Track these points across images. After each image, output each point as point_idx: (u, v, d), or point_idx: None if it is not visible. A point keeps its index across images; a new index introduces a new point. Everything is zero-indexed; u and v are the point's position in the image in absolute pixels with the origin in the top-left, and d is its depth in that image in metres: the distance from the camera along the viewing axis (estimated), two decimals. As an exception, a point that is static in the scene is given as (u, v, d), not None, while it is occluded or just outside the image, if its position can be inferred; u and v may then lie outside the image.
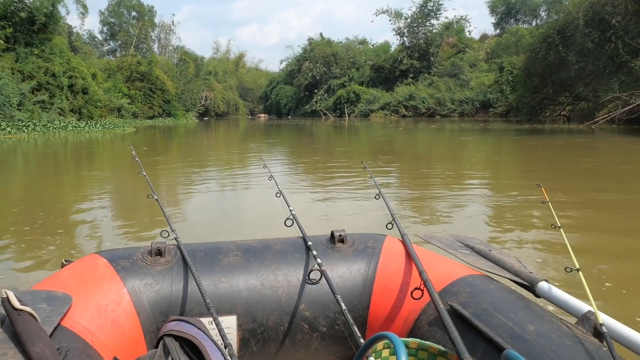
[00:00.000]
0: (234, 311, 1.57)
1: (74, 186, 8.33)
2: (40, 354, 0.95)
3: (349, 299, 1.65)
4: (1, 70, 29.00)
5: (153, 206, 5.84)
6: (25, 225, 5.11)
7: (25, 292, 1.31)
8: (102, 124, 32.64)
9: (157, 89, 50.86)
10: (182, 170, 10.20)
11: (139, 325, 1.48)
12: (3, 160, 13.47)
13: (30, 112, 30.34)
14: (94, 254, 1.67)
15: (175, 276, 1.59)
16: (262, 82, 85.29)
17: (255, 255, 1.72)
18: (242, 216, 5.71)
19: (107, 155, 15.19)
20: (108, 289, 1.49)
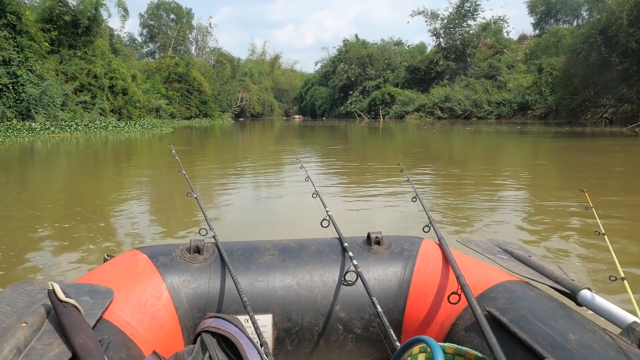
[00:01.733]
0: (270, 310, 1.58)
1: (114, 184, 8.53)
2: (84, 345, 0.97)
3: (384, 301, 1.64)
4: (46, 71, 29.93)
5: (191, 204, 5.96)
6: (68, 220, 5.25)
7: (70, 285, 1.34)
8: (140, 124, 33.33)
9: (194, 90, 51.64)
10: (219, 170, 10.32)
11: (177, 320, 1.51)
12: (47, 158, 13.89)
13: (73, 112, 31.25)
14: (135, 250, 1.71)
15: (212, 273, 1.61)
16: (297, 83, 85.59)
17: (292, 255, 1.73)
18: (278, 216, 5.73)
19: (146, 155, 15.49)
20: (148, 284, 1.52)
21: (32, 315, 1.07)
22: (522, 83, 41.33)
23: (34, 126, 24.69)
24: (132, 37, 65.76)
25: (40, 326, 1.06)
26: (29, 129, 23.57)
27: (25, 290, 1.24)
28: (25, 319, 1.05)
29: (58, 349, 0.99)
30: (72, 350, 0.98)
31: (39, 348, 0.98)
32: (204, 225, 1.88)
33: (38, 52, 30.34)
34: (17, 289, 1.24)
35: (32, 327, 1.03)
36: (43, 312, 1.10)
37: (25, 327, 1.01)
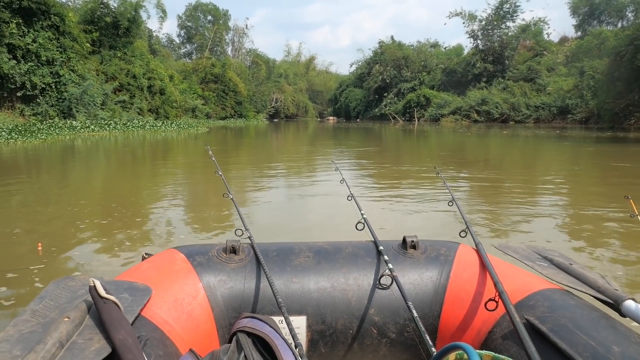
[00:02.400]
0: (304, 312, 1.58)
1: (151, 182, 8.67)
2: (123, 341, 0.99)
3: (419, 306, 1.62)
4: (87, 71, 30.73)
5: (226, 204, 6.01)
6: (105, 217, 5.35)
7: (110, 282, 1.37)
8: (177, 124, 33.88)
9: (229, 90, 52.22)
10: (253, 170, 10.38)
11: (213, 319, 1.52)
12: (87, 155, 14.23)
13: (112, 111, 32.01)
14: (172, 249, 1.73)
15: (248, 274, 1.62)
16: (332, 84, 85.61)
17: (327, 257, 1.72)
18: (312, 218, 5.72)
19: (182, 154, 15.72)
20: (185, 283, 1.54)
21: (74, 311, 1.10)
22: (563, 86, 40.27)
23: (75, 124, 25.37)
24: (170, 38, 67.06)
25: (82, 321, 1.09)
26: (70, 127, 24.22)
27: (68, 285, 1.27)
28: (68, 314, 1.07)
29: (98, 344, 1.01)
30: (111, 346, 1.00)
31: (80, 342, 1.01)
32: (240, 225, 1.89)
33: (80, 52, 31.16)
34: (60, 285, 1.27)
35: (74, 322, 1.05)
36: (84, 308, 1.13)
37: (67, 322, 1.04)
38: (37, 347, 0.93)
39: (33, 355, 0.90)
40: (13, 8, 25.43)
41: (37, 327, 1.03)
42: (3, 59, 24.64)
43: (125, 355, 0.96)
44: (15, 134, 19.02)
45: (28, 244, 4.30)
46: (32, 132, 20.21)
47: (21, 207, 6.21)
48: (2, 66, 24.48)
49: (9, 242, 4.33)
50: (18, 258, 3.86)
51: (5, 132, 19.06)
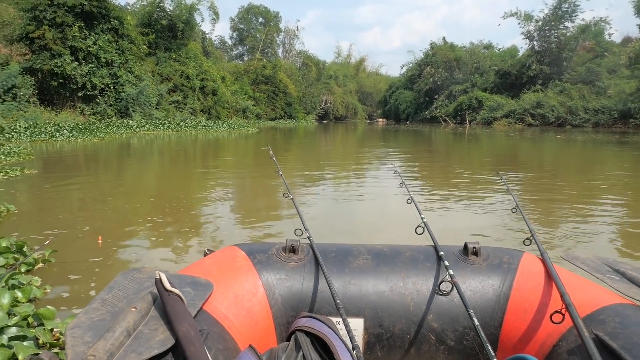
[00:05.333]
0: (362, 314, 1.57)
1: (204, 180, 8.79)
2: (186, 333, 1.01)
3: (480, 314, 1.57)
4: (143, 73, 31.69)
5: (283, 203, 6.02)
6: (159, 214, 5.44)
7: (174, 276, 1.40)
8: (228, 124, 34.51)
9: (280, 91, 52.78)
10: (306, 171, 10.38)
11: (271, 317, 1.54)
12: (142, 153, 14.62)
13: (166, 111, 32.90)
14: (233, 246, 1.75)
15: (307, 274, 1.63)
16: (382, 86, 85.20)
17: (385, 260, 1.70)
18: (369, 220, 5.63)
19: (233, 153, 15.93)
20: (245, 280, 1.56)
21: (141, 302, 1.14)
22: (625, 89, 38.53)
23: (131, 123, 26.20)
24: (223, 40, 68.34)
25: (147, 312, 1.12)
26: (126, 126, 25.02)
27: (135, 277, 1.33)
28: (135, 305, 1.11)
29: (163, 335, 1.04)
30: (175, 337, 1.03)
31: (146, 332, 1.04)
32: (299, 225, 1.89)
33: (137, 54, 32.17)
34: (128, 276, 1.33)
35: (141, 313, 1.09)
36: (150, 299, 1.16)
37: (134, 312, 1.08)
38: (106, 334, 0.97)
39: (102, 342, 0.94)
40: (76, 12, 26.49)
41: (107, 316, 1.09)
42: (66, 60, 25.69)
43: (187, 348, 0.98)
44: (76, 132, 19.79)
45: (88, 237, 4.41)
46: (92, 131, 20.98)
47: (81, 202, 6.40)
48: (65, 67, 25.53)
49: (71, 235, 4.45)
50: (80, 250, 3.97)
51: (67, 130, 19.86)
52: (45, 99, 25.73)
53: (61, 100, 26.81)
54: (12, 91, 22.86)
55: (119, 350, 0.96)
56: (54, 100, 26.38)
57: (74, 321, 1.04)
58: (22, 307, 2.39)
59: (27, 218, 5.20)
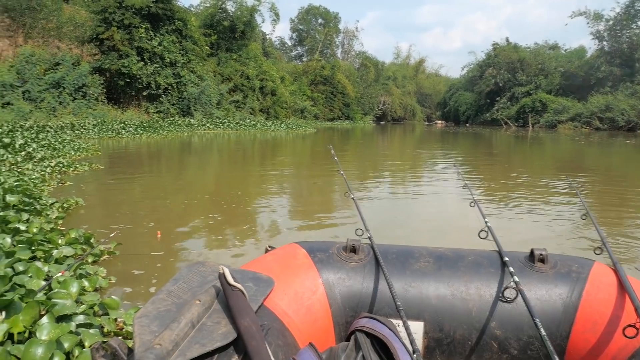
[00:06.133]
0: (422, 317, 1.55)
1: (263, 179, 8.90)
2: (248, 328, 1.02)
3: (546, 324, 1.50)
4: (205, 73, 32.51)
5: (342, 203, 6.00)
6: (218, 210, 5.53)
7: (236, 271, 1.41)
8: (286, 124, 34.91)
9: (338, 92, 52.90)
10: (365, 171, 10.33)
11: (330, 316, 1.53)
12: (202, 151, 14.97)
13: (226, 111, 33.64)
14: (294, 244, 1.76)
15: (367, 274, 1.61)
16: (441, 88, 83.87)
17: (447, 263, 1.67)
18: (429, 222, 5.53)
19: (291, 153, 16.07)
20: (305, 277, 1.56)
21: (204, 295, 1.15)
22: None
23: (193, 122, 26.93)
24: (283, 41, 69.19)
25: (211, 305, 1.14)
26: (188, 125, 25.73)
27: (199, 271, 1.34)
28: (199, 297, 1.13)
29: (225, 328, 1.06)
30: (237, 331, 1.04)
31: (209, 325, 1.06)
32: (359, 225, 1.87)
33: (199, 55, 33.03)
34: (192, 269, 1.34)
35: (204, 305, 1.11)
36: (213, 293, 1.18)
37: (198, 305, 1.10)
38: (172, 325, 1.00)
39: (168, 332, 0.97)
40: (142, 14, 27.49)
41: (172, 307, 1.11)
42: (132, 60, 26.69)
43: (249, 342, 0.99)
44: (140, 130, 20.53)
45: (149, 231, 4.53)
46: (155, 129, 21.70)
47: (143, 196, 6.60)
48: (132, 67, 26.52)
49: (134, 229, 4.59)
50: (142, 244, 4.09)
51: (132, 128, 20.63)
52: (112, 98, 26.83)
53: (127, 99, 27.88)
54: (82, 90, 23.95)
55: (184, 340, 0.98)
56: (120, 98, 27.47)
57: (142, 310, 1.07)
58: (89, 296, 2.47)
59: (94, 211, 5.40)
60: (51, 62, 23.60)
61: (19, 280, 2.37)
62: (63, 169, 8.27)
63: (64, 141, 12.80)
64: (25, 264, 2.64)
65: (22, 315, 1.95)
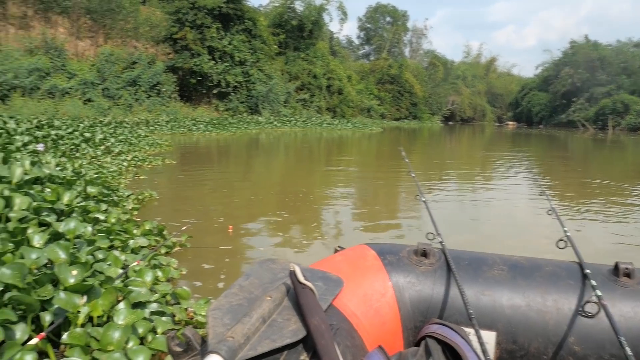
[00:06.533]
0: (494, 327, 1.48)
1: (329, 178, 8.94)
2: (317, 326, 1.02)
3: (631, 343, 1.39)
4: (273, 71, 33.05)
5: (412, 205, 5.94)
6: (286, 208, 5.60)
7: (306, 269, 1.41)
8: (352, 123, 34.92)
9: (405, 91, 52.33)
10: (433, 173, 10.16)
11: (399, 319, 1.50)
12: (269, 149, 15.23)
13: (293, 109, 34.06)
14: (364, 245, 1.73)
15: (437, 280, 1.57)
16: (513, 87, 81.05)
17: (523, 273, 1.59)
18: (502, 228, 5.36)
19: (358, 152, 16.05)
20: (375, 279, 1.53)
21: (275, 291, 1.16)
22: None
23: (260, 120, 27.46)
24: (350, 40, 69.18)
25: (281, 302, 1.15)
26: (256, 122, 26.25)
27: (270, 267, 1.36)
28: (270, 293, 1.14)
29: (295, 325, 1.06)
30: (306, 329, 1.04)
31: (279, 321, 1.07)
32: (430, 229, 1.84)
33: (268, 53, 33.61)
34: (263, 266, 1.36)
35: (275, 302, 1.12)
36: (284, 290, 1.19)
37: (269, 301, 1.11)
38: (243, 319, 1.01)
39: (240, 326, 0.98)
40: (214, 14, 28.30)
41: (244, 301, 1.13)
42: (204, 59, 27.53)
43: (319, 340, 0.99)
44: (210, 127, 21.14)
45: (218, 225, 4.65)
46: (224, 126, 22.27)
47: (212, 192, 6.79)
48: (203, 66, 27.36)
49: (204, 223, 4.72)
50: (212, 238, 4.20)
51: (203, 125, 21.28)
52: (184, 95, 27.78)
53: (198, 97, 28.80)
54: (156, 87, 24.96)
55: (255, 335, 1.00)
56: (192, 96, 28.40)
57: (215, 303, 1.09)
58: (162, 286, 2.57)
59: (166, 204, 5.61)
60: (128, 61, 24.74)
61: (99, 267, 2.50)
62: (138, 163, 8.64)
63: (139, 136, 13.37)
64: (104, 252, 2.78)
65: (102, 300, 2.06)
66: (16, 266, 1.97)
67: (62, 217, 3.26)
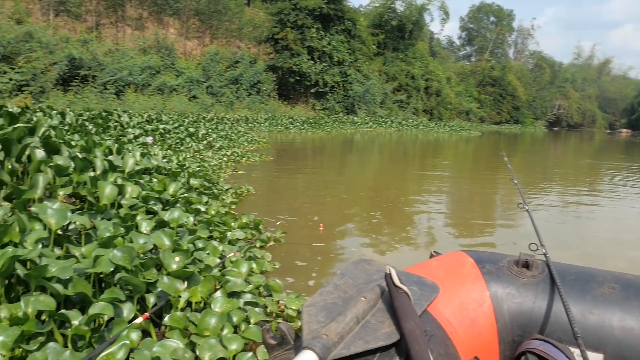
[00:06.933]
0: (602, 349, 1.35)
1: (423, 181, 8.80)
2: (412, 331, 1.00)
3: None
4: (371, 72, 33.07)
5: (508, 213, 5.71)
6: (378, 210, 5.57)
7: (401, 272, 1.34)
8: (449, 126, 34.15)
9: (507, 94, 50.36)
10: (533, 180, 9.70)
11: (496, 332, 1.42)
12: (363, 149, 15.24)
13: (389, 110, 33.90)
14: (461, 252, 1.66)
15: (539, 293, 1.46)
16: (629, 92, 75.28)
17: (637, 293, 1.45)
18: (613, 245, 5.01)
19: (454, 156, 15.67)
20: (472, 288, 1.46)
21: (370, 293, 1.14)
22: None
23: (356, 120, 27.58)
24: (451, 40, 67.65)
25: (375, 303, 1.12)
26: (351, 122, 26.40)
27: (364, 268, 1.33)
28: (364, 294, 1.12)
29: (389, 328, 1.04)
30: (400, 333, 1.02)
31: (372, 323, 1.05)
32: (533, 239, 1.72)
33: (366, 54, 33.68)
34: (358, 266, 1.33)
35: (369, 303, 1.10)
36: (378, 292, 1.16)
37: (364, 302, 1.09)
38: (338, 317, 1.00)
39: (335, 325, 0.97)
40: (315, 15, 28.79)
41: (338, 300, 1.12)
42: (303, 59, 28.09)
43: (412, 346, 0.96)
44: (306, 125, 21.53)
45: (311, 222, 4.72)
46: (320, 125, 22.59)
47: (306, 189, 6.91)
48: (302, 66, 27.92)
49: (298, 220, 4.82)
50: (304, 235, 4.28)
51: (299, 123, 21.72)
52: (283, 94, 28.52)
53: (296, 96, 29.44)
54: (257, 86, 25.82)
55: (348, 334, 0.99)
56: (290, 95, 29.08)
57: (310, 300, 1.08)
58: (256, 278, 2.65)
59: (262, 199, 5.78)
60: (231, 60, 25.79)
61: (199, 256, 2.63)
62: (237, 158, 8.99)
63: (238, 133, 13.90)
64: (204, 242, 2.92)
65: (201, 287, 2.16)
66: (126, 249, 2.12)
67: (167, 207, 3.47)
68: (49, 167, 3.02)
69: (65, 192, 2.92)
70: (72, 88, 17.31)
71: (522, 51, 65.26)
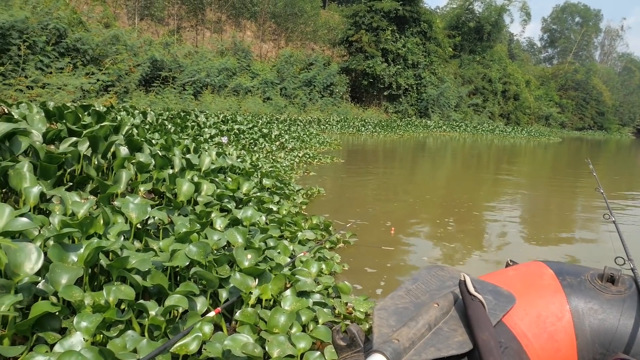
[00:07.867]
0: None
1: (497, 187, 8.53)
2: (486, 341, 0.98)
3: None
4: (446, 75, 32.47)
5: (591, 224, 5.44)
6: (450, 216, 5.46)
7: (475, 280, 1.35)
8: (527, 131, 32.96)
9: (591, 99, 47.96)
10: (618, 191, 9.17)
11: (575, 348, 1.36)
12: (436, 153, 14.99)
13: (464, 114, 33.15)
14: (539, 262, 1.61)
15: (626, 310, 1.38)
16: None
17: None
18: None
19: (532, 163, 15.09)
20: (551, 301, 1.41)
21: (443, 299, 1.13)
22: None
23: (429, 123, 27.17)
24: (531, 42, 65.29)
25: (448, 311, 1.12)
26: (424, 126, 26.03)
27: (437, 274, 1.33)
28: (437, 301, 1.11)
29: (461, 337, 1.03)
30: (473, 343, 1.01)
31: (445, 330, 1.05)
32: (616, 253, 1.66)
33: (442, 56, 33.10)
34: (431, 272, 1.34)
35: (442, 310, 1.09)
36: (452, 299, 1.16)
37: (436, 308, 1.08)
38: (409, 322, 1.00)
39: (406, 330, 0.97)
40: (390, 17, 28.64)
41: (410, 305, 1.12)
42: (377, 62, 28.00)
43: (486, 357, 0.94)
44: (378, 128, 21.45)
45: (382, 226, 4.69)
46: (392, 128, 22.43)
47: (376, 192, 6.87)
48: (376, 68, 27.83)
49: (368, 224, 4.80)
50: (374, 238, 4.25)
51: (371, 126, 21.67)
52: (355, 96, 28.56)
53: (369, 98, 29.39)
54: (329, 88, 26.00)
55: (420, 340, 0.98)
56: (362, 97, 29.08)
57: (381, 304, 1.10)
58: (325, 278, 2.66)
59: (333, 201, 5.81)
60: (305, 63, 26.13)
61: (270, 254, 2.69)
62: (308, 159, 9.08)
63: (310, 134, 14.04)
64: (275, 241, 2.97)
65: (271, 285, 2.20)
66: (201, 245, 2.20)
67: (240, 205, 3.56)
68: (131, 163, 3.18)
69: (146, 188, 3.07)
70: (153, 89, 18.15)
71: (610, 53, 62.01)
